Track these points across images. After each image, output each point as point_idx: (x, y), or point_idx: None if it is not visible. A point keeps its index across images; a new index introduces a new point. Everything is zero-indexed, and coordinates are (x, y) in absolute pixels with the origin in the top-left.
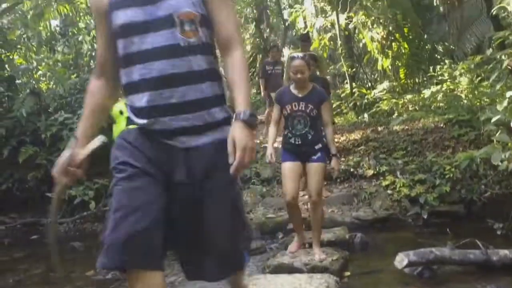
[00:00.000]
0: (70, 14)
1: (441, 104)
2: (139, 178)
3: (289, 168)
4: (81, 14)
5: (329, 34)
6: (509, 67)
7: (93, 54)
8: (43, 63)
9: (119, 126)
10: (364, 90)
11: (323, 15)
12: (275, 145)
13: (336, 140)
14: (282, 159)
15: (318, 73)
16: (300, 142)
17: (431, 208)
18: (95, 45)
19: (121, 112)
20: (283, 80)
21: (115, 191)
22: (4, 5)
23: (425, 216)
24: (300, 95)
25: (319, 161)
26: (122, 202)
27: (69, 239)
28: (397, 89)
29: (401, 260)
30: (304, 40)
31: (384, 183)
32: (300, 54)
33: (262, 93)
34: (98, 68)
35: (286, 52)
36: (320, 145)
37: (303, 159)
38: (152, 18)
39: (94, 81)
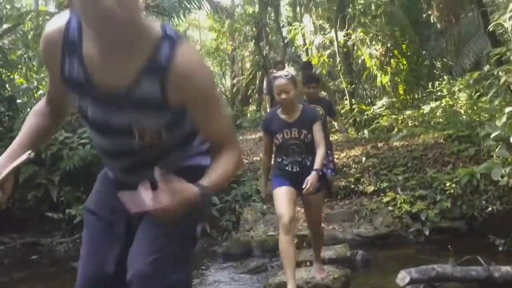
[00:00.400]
0: None
1: (440, 120)
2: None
3: (282, 192)
4: None
5: (328, 51)
6: (507, 83)
7: None
8: (44, 83)
9: None
10: (363, 106)
11: (322, 32)
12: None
13: (336, 156)
14: (273, 185)
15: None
16: (298, 170)
17: (432, 224)
18: None
19: None
20: None
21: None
22: (5, 26)
23: (427, 233)
24: (290, 121)
25: (319, 190)
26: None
27: (68, 258)
28: (397, 105)
29: (403, 277)
30: (306, 68)
31: (385, 199)
32: (284, 73)
33: (269, 110)
34: (47, 96)
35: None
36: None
37: (298, 184)
38: (111, 122)
39: (42, 104)
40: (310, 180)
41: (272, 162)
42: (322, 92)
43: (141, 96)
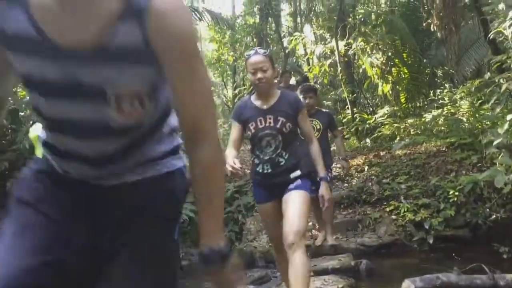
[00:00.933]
0: None
1: (442, 128)
2: None
3: (263, 212)
4: None
5: (329, 61)
6: (508, 91)
7: None
8: None
9: (38, 152)
10: (365, 115)
11: (323, 42)
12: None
13: (339, 166)
14: (254, 197)
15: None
16: (270, 171)
17: (436, 233)
18: None
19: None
20: None
21: None
22: None
23: (431, 241)
24: (265, 107)
25: (298, 188)
26: None
27: None
28: (399, 114)
29: (407, 286)
30: (302, 81)
31: (388, 208)
32: (259, 49)
33: None
34: None
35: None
36: (299, 172)
37: (279, 194)
38: (77, 87)
39: None
40: (321, 192)
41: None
42: (324, 102)
43: (119, 45)
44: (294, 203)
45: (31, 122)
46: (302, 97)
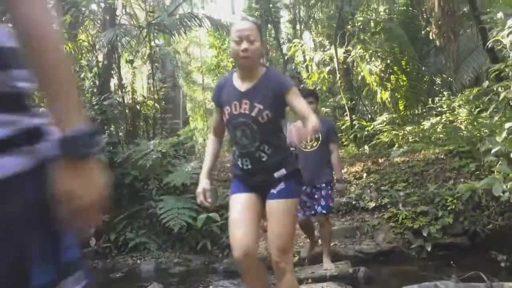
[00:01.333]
0: (73, 52)
1: (441, 136)
2: None
3: (237, 204)
4: (83, 51)
5: (328, 68)
6: (506, 99)
7: (95, 90)
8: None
9: None
10: (364, 122)
11: (322, 49)
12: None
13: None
14: (231, 190)
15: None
16: (250, 167)
17: (434, 240)
18: (96, 81)
19: None
20: None
21: None
22: None
23: (429, 249)
24: (243, 89)
25: (282, 197)
26: None
27: None
28: (397, 121)
29: None
30: (305, 96)
31: (387, 215)
32: (248, 16)
33: None
34: None
35: None
36: (284, 171)
37: (261, 192)
38: None
39: None
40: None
41: None
42: (323, 108)
43: None
44: (278, 214)
45: None
46: None
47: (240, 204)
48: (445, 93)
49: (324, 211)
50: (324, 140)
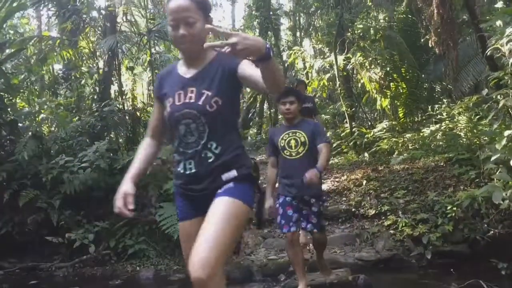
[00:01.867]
0: (73, 59)
1: (440, 143)
2: None
3: (183, 232)
4: (84, 58)
5: (327, 75)
6: (506, 107)
7: (95, 97)
8: (45, 107)
9: None
10: (363, 129)
11: (322, 56)
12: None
13: (337, 179)
14: (177, 208)
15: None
16: (194, 171)
17: (434, 248)
18: (97, 88)
19: None
20: (315, 118)
21: None
22: (8, 51)
23: (429, 257)
24: (188, 75)
25: (228, 194)
26: None
27: (68, 284)
28: (397, 128)
29: None
30: (283, 94)
31: (386, 223)
32: None
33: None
34: None
35: None
36: (235, 173)
37: (203, 206)
38: None
39: None
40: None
41: None
42: (323, 116)
43: None
44: (216, 214)
45: (29, 133)
46: (280, 105)
47: (189, 234)
48: (444, 100)
49: (316, 230)
50: (311, 145)
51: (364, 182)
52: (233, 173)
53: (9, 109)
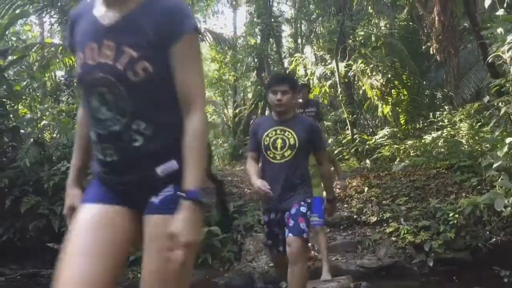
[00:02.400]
0: (75, 65)
1: (442, 150)
2: None
3: (82, 222)
4: None
5: (329, 82)
6: (507, 114)
7: None
8: (47, 113)
9: None
10: (365, 136)
11: (323, 63)
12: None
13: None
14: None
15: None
16: (116, 158)
17: (436, 255)
18: None
19: None
20: (319, 125)
21: None
22: (10, 58)
23: (431, 264)
24: (106, 21)
25: (168, 210)
26: None
27: None
28: (398, 135)
29: None
30: (276, 81)
31: (388, 230)
32: None
33: None
34: None
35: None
36: (174, 165)
37: (133, 202)
38: None
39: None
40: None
41: None
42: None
43: None
44: (161, 242)
45: (31, 140)
46: (270, 93)
47: (87, 222)
48: (446, 107)
49: (290, 234)
50: (302, 147)
51: (366, 189)
52: (173, 164)
53: (11, 116)
